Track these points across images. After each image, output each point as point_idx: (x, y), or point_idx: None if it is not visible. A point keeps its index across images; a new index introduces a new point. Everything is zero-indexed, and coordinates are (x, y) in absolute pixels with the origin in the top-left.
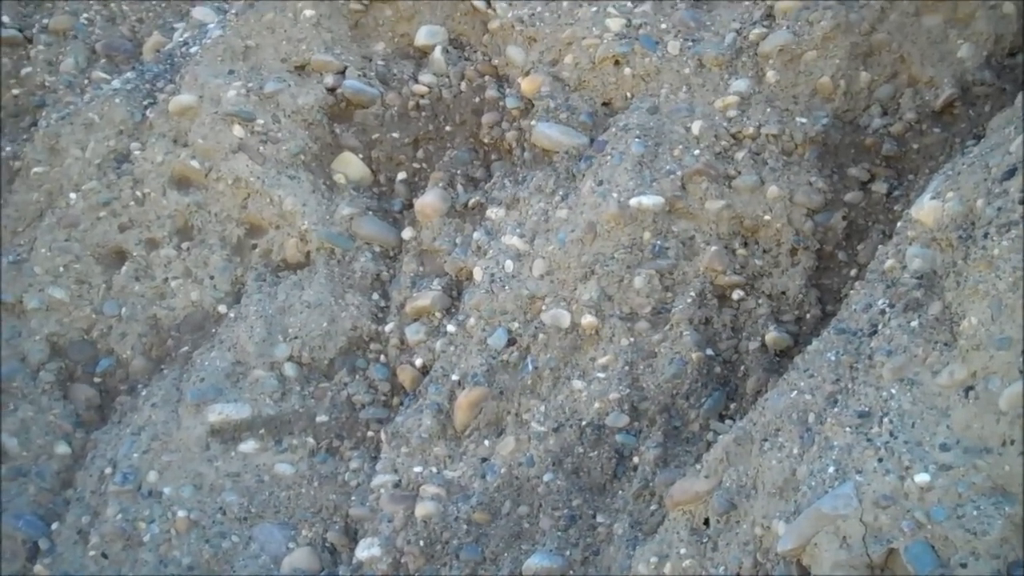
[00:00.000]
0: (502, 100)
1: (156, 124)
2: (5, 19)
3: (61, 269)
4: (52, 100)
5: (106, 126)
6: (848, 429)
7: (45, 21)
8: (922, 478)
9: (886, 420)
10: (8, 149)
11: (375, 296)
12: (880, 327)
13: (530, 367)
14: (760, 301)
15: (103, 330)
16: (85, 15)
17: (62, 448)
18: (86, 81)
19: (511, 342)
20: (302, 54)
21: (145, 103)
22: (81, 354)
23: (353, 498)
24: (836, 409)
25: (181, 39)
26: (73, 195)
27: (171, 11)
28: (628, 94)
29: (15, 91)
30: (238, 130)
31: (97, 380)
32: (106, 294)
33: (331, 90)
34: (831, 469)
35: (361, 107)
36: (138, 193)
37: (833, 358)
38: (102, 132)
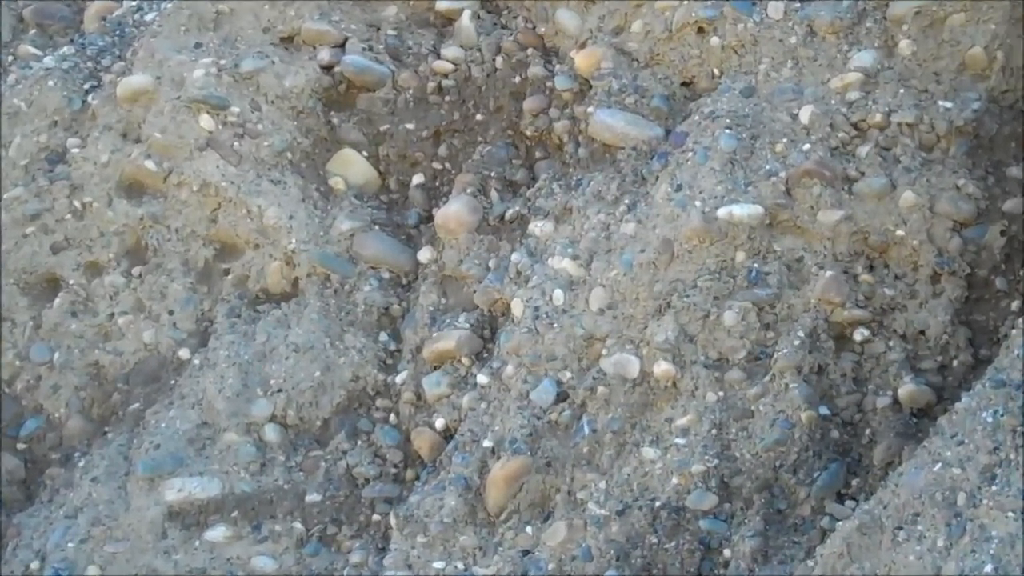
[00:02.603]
0: (550, 80)
1: (100, 113)
2: None
3: None
4: None
5: (35, 116)
6: (1011, 514)
7: None
8: None
9: None
10: None
11: (383, 337)
12: None
13: (586, 430)
14: (891, 343)
15: (29, 381)
16: None
17: None
18: (11, 58)
19: (561, 397)
20: (290, 22)
21: (86, 86)
22: (1, 412)
23: None
24: (994, 487)
25: (133, 3)
26: None
27: None
28: (716, 71)
29: None
30: (206, 121)
31: (21, 447)
32: (33, 334)
33: (327, 68)
34: (988, 568)
35: (366, 90)
36: (76, 203)
37: (990, 419)
38: (30, 124)
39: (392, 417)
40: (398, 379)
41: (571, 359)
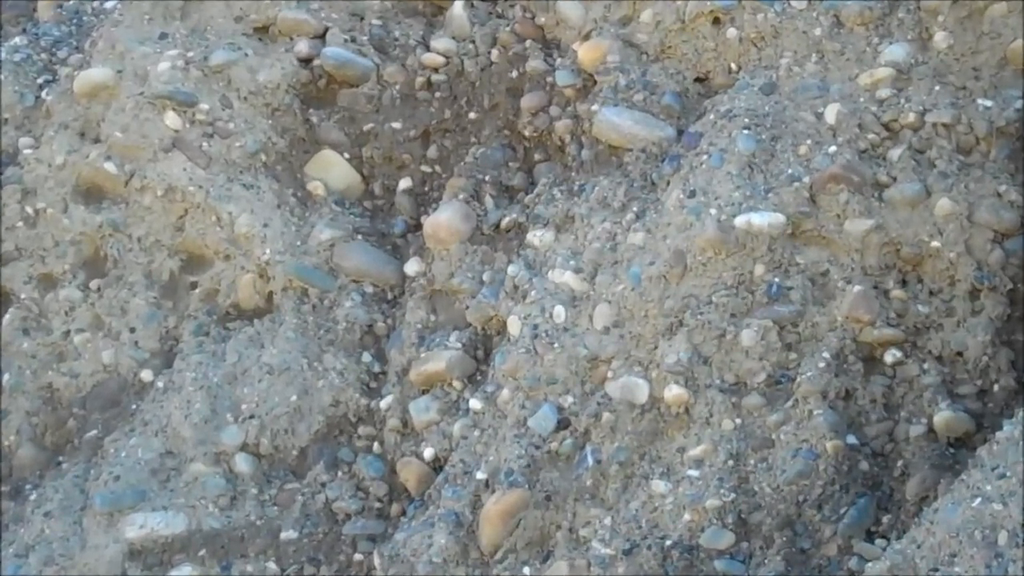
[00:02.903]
0: (550, 75)
1: (55, 110)
2: None
3: None
4: None
5: None
6: None
7: None
8: None
9: None
10: None
11: (366, 357)
12: None
13: (590, 461)
14: (926, 366)
15: None
16: None
17: None
18: None
19: (562, 424)
20: (265, 11)
21: (40, 81)
22: None
23: None
24: None
25: None
26: None
27: None
28: (733, 66)
29: None
30: (172, 119)
31: None
32: None
33: (305, 61)
34: None
35: (348, 86)
36: (28, 209)
37: None
38: None
39: (376, 446)
40: (383, 404)
41: (573, 382)
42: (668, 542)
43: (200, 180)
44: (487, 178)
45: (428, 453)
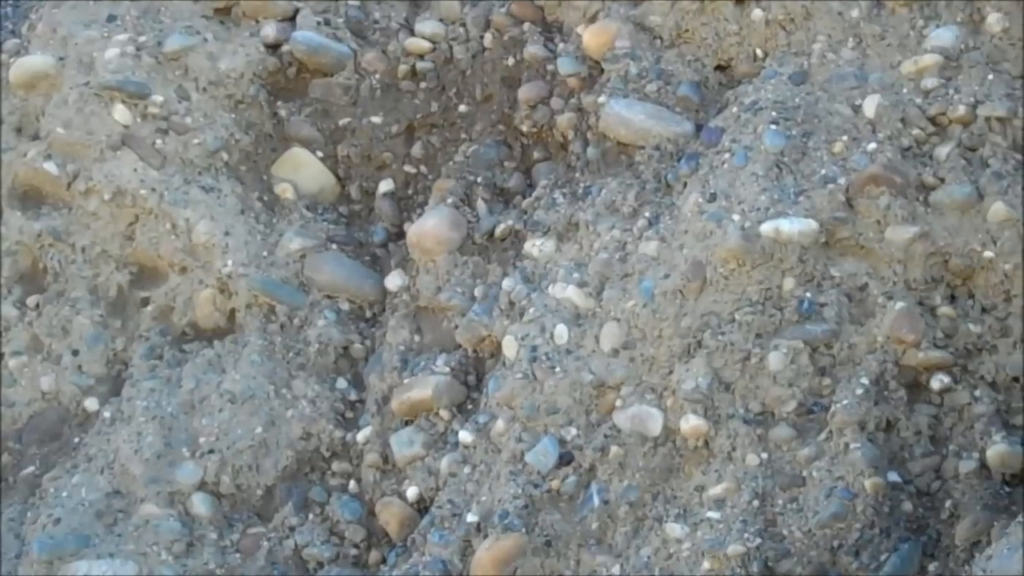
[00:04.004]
0: (551, 62)
1: None
2: None
3: None
4: None
5: None
6: None
7: None
8: None
9: None
10: None
11: (341, 383)
12: None
13: (596, 501)
14: (978, 393)
15: None
16: None
17: None
18: None
19: (565, 460)
20: None
21: None
22: None
23: None
24: None
25: None
26: None
27: None
28: (759, 52)
29: None
30: (122, 112)
31: None
32: None
33: (273, 47)
34: None
35: (322, 75)
36: None
37: None
38: None
39: (352, 485)
40: (360, 437)
41: (577, 412)
42: None
43: (153, 182)
44: (479, 179)
45: (412, 493)
